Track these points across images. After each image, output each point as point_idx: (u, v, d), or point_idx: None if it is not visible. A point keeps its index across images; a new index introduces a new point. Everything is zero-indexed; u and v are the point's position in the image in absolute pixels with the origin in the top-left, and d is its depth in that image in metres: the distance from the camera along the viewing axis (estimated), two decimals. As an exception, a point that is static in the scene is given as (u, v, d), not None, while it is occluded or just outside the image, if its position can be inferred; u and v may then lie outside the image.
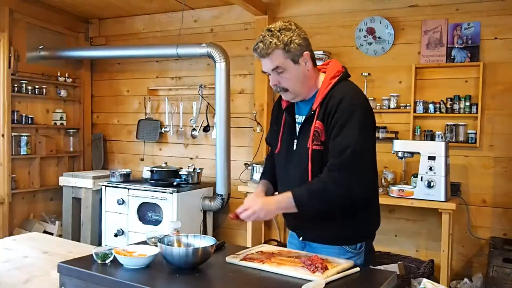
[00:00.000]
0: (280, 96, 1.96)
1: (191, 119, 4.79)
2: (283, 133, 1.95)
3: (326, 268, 1.59)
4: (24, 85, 4.74)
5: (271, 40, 1.75)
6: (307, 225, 1.90)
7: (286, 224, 2.12)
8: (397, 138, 3.86)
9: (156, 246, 1.76)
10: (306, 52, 1.80)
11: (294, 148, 1.89)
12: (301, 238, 1.96)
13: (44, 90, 4.97)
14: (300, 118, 1.90)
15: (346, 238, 1.85)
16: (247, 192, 4.12)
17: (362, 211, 1.86)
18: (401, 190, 3.56)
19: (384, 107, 4.01)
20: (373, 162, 1.89)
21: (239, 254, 1.78)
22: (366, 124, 1.77)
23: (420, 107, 3.86)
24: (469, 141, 3.73)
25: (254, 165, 4.13)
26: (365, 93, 4.03)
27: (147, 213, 4.34)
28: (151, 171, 4.56)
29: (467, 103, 3.72)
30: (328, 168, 1.73)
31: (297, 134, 1.89)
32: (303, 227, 1.94)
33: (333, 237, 1.85)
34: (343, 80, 1.85)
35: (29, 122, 4.81)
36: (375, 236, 1.96)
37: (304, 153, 1.82)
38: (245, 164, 4.40)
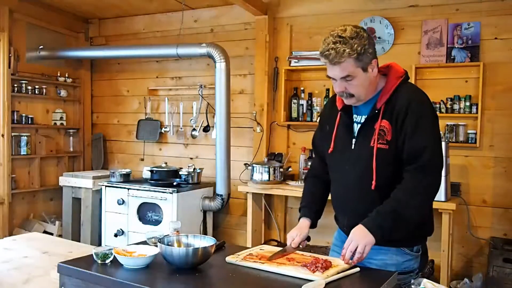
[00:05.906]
0: (332, 97, 1.98)
1: (191, 119, 4.79)
2: (338, 132, 1.93)
3: (327, 268, 1.59)
4: (24, 85, 4.74)
5: (345, 49, 1.71)
6: None
7: (339, 224, 2.00)
8: (397, 138, 3.86)
9: (156, 246, 1.76)
10: (374, 60, 1.79)
11: (352, 147, 1.86)
12: None
13: (44, 90, 4.97)
14: (359, 118, 1.88)
15: (405, 239, 1.81)
16: (247, 192, 4.12)
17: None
18: (401, 190, 3.55)
19: (384, 107, 4.01)
20: None
21: (239, 254, 1.78)
22: (436, 123, 1.79)
23: (420, 107, 3.85)
24: (469, 141, 3.72)
25: (254, 165, 4.12)
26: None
27: (147, 213, 4.33)
28: (151, 171, 4.56)
29: (467, 103, 3.72)
30: (409, 171, 1.73)
31: (355, 133, 1.87)
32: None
33: (392, 238, 1.75)
34: (406, 81, 1.86)
35: (29, 122, 4.80)
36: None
37: (365, 152, 1.80)
38: (245, 164, 4.40)
